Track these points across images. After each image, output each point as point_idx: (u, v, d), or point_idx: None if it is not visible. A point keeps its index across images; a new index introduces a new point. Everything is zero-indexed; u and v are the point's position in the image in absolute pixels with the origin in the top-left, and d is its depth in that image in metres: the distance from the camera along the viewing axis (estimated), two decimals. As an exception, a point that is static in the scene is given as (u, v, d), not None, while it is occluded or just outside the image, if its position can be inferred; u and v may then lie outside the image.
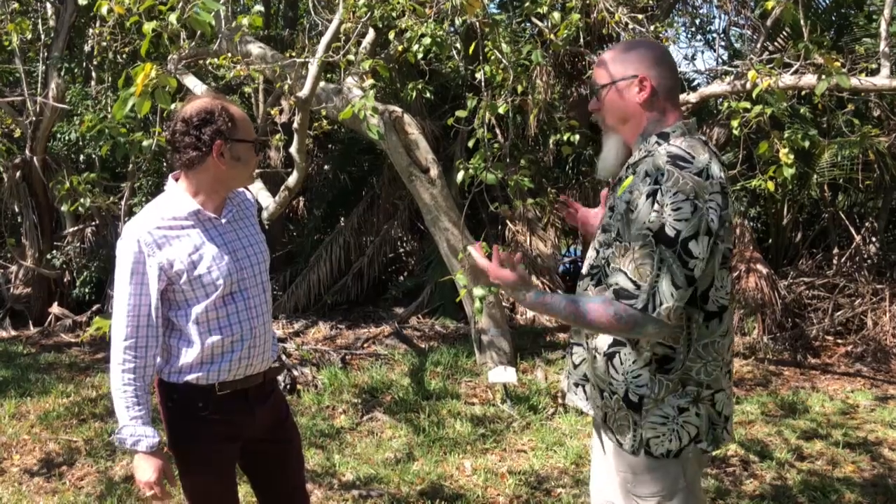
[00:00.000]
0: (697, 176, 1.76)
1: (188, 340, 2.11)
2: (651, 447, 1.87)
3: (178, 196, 2.12)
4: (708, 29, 9.05)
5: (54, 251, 7.69)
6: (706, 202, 1.74)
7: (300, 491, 2.45)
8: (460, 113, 3.97)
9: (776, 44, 7.11)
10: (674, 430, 1.85)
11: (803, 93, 5.18)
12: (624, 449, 1.91)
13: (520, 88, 4.41)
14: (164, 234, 2.07)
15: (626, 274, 1.77)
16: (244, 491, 3.18)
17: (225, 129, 2.07)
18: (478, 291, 3.72)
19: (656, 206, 1.73)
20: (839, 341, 6.65)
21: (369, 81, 4.13)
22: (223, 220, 2.17)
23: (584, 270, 2.03)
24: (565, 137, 4.59)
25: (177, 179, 2.17)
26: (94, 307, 7.47)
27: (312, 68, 4.07)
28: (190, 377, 2.13)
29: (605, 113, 1.97)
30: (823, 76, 3.79)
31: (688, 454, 1.88)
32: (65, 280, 7.80)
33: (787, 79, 4.32)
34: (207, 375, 2.13)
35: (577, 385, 2.06)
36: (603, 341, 1.92)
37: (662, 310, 1.73)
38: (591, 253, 2.03)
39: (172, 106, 2.87)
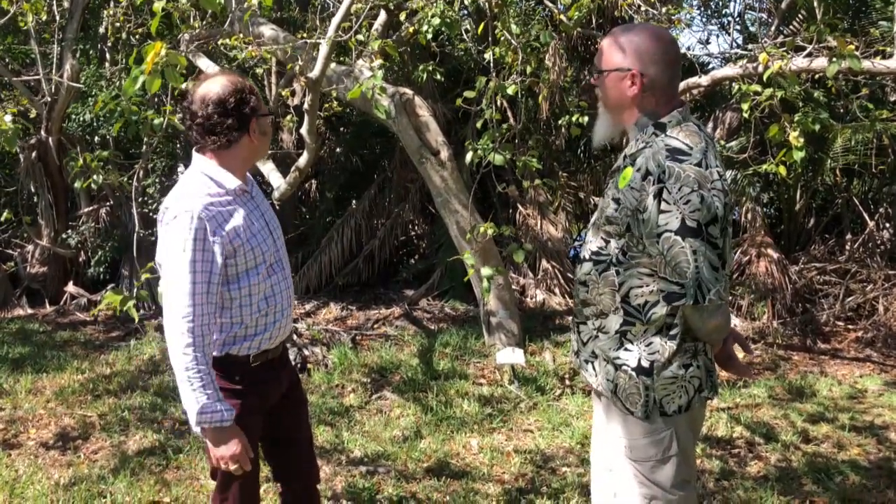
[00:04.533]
0: (697, 166, 1.83)
1: (238, 313, 2.16)
2: (664, 406, 1.97)
3: (218, 173, 2.15)
4: (723, 12, 8.97)
5: (69, 231, 7.78)
6: (710, 191, 1.82)
7: (311, 454, 2.55)
8: (468, 94, 3.97)
9: (792, 27, 7.03)
10: (682, 386, 1.97)
11: (817, 76, 5.12)
12: (636, 416, 1.99)
13: (528, 70, 4.40)
14: (218, 210, 2.10)
15: (667, 280, 1.87)
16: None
17: (258, 107, 2.16)
18: (485, 271, 3.74)
19: (664, 206, 1.81)
20: (850, 327, 6.63)
21: (378, 61, 4.13)
22: (252, 194, 2.25)
23: (586, 255, 2.08)
24: (574, 119, 4.58)
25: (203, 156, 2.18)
26: (109, 286, 7.57)
27: (323, 49, 4.08)
28: (233, 349, 2.18)
29: (602, 95, 2.06)
30: (835, 59, 3.76)
31: (694, 405, 2.01)
32: (80, 259, 7.90)
33: (799, 62, 4.28)
34: (250, 345, 2.18)
35: (587, 362, 2.11)
36: (613, 321, 1.99)
37: (712, 295, 1.84)
38: (593, 239, 2.05)
39: (184, 85, 2.89)
